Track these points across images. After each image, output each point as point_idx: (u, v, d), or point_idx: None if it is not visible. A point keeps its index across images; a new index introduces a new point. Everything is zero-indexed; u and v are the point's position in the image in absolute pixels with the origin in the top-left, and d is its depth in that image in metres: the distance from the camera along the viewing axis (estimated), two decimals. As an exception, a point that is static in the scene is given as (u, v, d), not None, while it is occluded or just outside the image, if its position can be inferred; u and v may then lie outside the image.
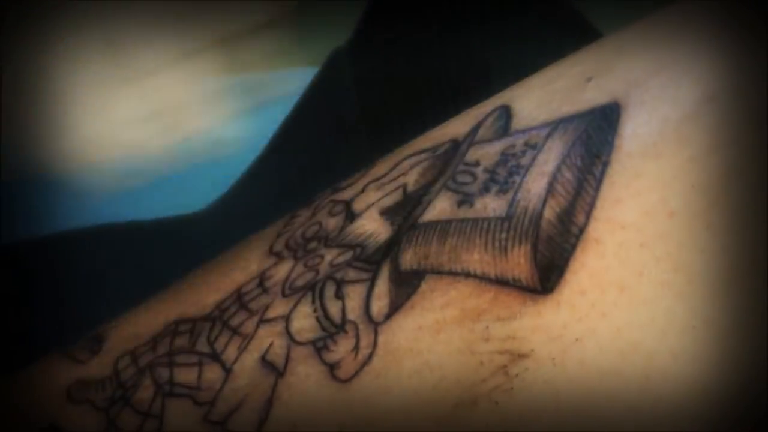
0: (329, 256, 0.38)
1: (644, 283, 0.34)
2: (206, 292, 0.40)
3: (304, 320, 0.37)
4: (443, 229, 0.36)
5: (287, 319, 0.37)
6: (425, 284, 0.36)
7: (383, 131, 0.48)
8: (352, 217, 0.39)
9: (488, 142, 0.38)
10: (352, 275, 0.37)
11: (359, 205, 0.39)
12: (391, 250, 0.37)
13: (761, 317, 0.33)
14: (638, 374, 0.33)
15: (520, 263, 0.35)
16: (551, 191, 0.35)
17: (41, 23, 0.42)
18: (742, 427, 0.33)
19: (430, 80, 0.47)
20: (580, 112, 0.36)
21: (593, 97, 0.36)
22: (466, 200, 0.36)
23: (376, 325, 0.36)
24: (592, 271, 0.34)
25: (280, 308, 0.38)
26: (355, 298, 0.37)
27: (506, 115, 0.38)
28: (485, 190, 0.36)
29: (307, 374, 0.37)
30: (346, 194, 0.40)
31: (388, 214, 0.38)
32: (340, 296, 0.37)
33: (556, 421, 0.34)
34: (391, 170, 0.40)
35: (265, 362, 0.37)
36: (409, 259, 0.37)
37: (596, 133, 0.35)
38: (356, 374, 0.36)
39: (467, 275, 0.36)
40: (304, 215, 0.40)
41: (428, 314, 0.36)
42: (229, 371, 0.37)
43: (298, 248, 0.39)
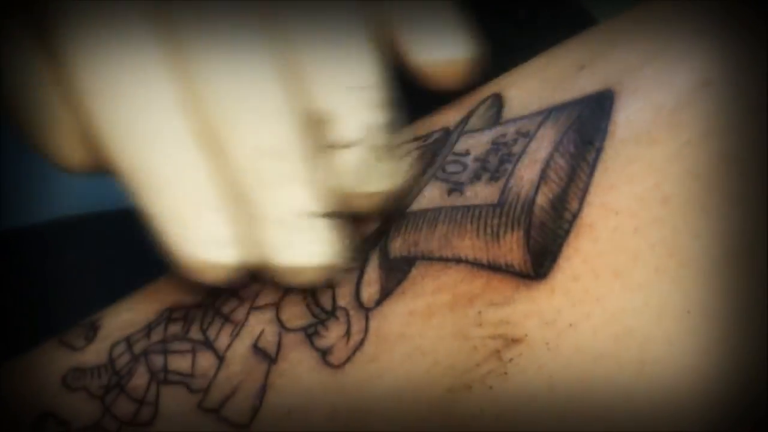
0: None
1: (638, 268, 0.34)
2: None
3: (294, 307, 0.37)
4: (433, 216, 0.37)
5: (277, 306, 0.38)
6: (416, 270, 0.36)
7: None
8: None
9: (479, 131, 0.38)
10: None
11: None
12: (380, 238, 0.37)
13: (756, 302, 0.33)
14: (633, 359, 0.33)
15: (512, 249, 0.35)
16: (544, 177, 0.35)
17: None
18: (737, 412, 0.33)
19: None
20: (572, 99, 0.36)
21: (586, 84, 0.36)
22: (456, 188, 0.37)
23: (367, 310, 0.36)
24: (585, 256, 0.34)
25: (270, 296, 0.38)
26: (345, 285, 0.37)
27: (498, 103, 0.38)
28: (476, 178, 0.36)
29: (299, 360, 0.37)
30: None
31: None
32: (330, 284, 0.37)
33: (550, 405, 0.34)
34: None
35: (257, 349, 0.37)
36: (398, 246, 0.37)
37: (589, 120, 0.35)
38: (348, 360, 0.36)
39: (459, 261, 0.36)
40: None
41: (419, 299, 0.36)
42: (222, 359, 0.37)
43: None
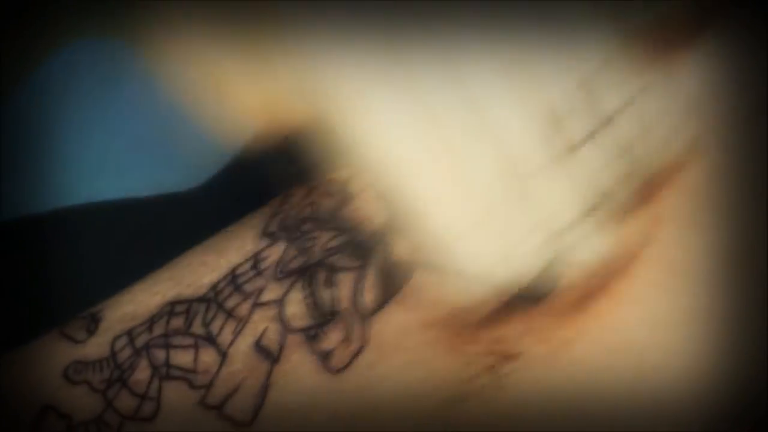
0: (323, 238, 0.38)
1: (632, 283, 0.34)
2: (202, 272, 0.40)
3: (296, 306, 0.37)
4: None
5: (280, 303, 0.38)
6: (415, 279, 0.36)
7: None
8: (347, 198, 0.39)
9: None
10: (343, 262, 0.37)
11: (355, 185, 0.39)
12: (384, 237, 0.37)
13: (747, 308, 0.33)
14: (629, 370, 0.34)
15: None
16: None
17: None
18: (735, 414, 0.33)
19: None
20: None
21: None
22: None
23: (365, 317, 0.37)
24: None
25: (273, 293, 0.38)
26: (345, 287, 0.37)
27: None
28: None
29: (300, 362, 0.37)
30: (342, 174, 0.40)
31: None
32: (330, 284, 0.37)
33: (547, 416, 0.34)
34: None
35: (259, 347, 0.37)
36: (401, 249, 0.37)
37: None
38: (348, 365, 0.36)
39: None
40: (299, 195, 0.40)
41: (418, 310, 0.36)
42: (224, 355, 0.38)
43: (292, 229, 0.39)
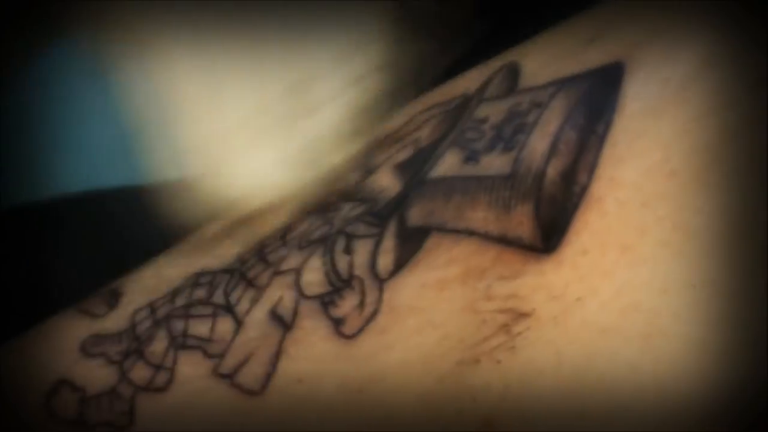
0: (344, 209, 0.39)
1: (645, 242, 0.33)
2: (229, 244, 0.40)
3: (314, 274, 0.38)
4: (449, 185, 0.36)
5: (299, 272, 0.38)
6: (430, 241, 0.36)
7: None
8: (369, 171, 0.39)
9: (497, 98, 0.38)
10: (361, 230, 0.37)
11: (376, 159, 0.39)
12: (399, 205, 0.37)
13: (759, 277, 0.32)
14: (639, 333, 0.33)
15: (522, 222, 0.35)
16: (554, 150, 0.35)
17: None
18: (743, 385, 0.33)
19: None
20: (582, 72, 0.36)
21: (596, 57, 0.36)
22: (472, 157, 0.36)
23: (381, 281, 0.36)
24: (593, 230, 0.34)
25: (293, 261, 0.38)
26: (362, 253, 0.37)
27: (514, 72, 0.38)
28: (491, 147, 0.36)
29: (313, 329, 0.37)
30: (366, 148, 0.40)
31: (400, 169, 0.38)
32: (348, 251, 0.37)
33: (557, 379, 0.34)
34: (405, 124, 0.40)
35: (274, 315, 0.37)
36: (415, 215, 0.37)
37: (599, 93, 0.35)
38: (361, 330, 0.36)
39: (470, 233, 0.36)
40: (336, 171, 0.41)
41: (432, 272, 0.36)
42: (240, 323, 0.38)
43: (324, 204, 0.39)
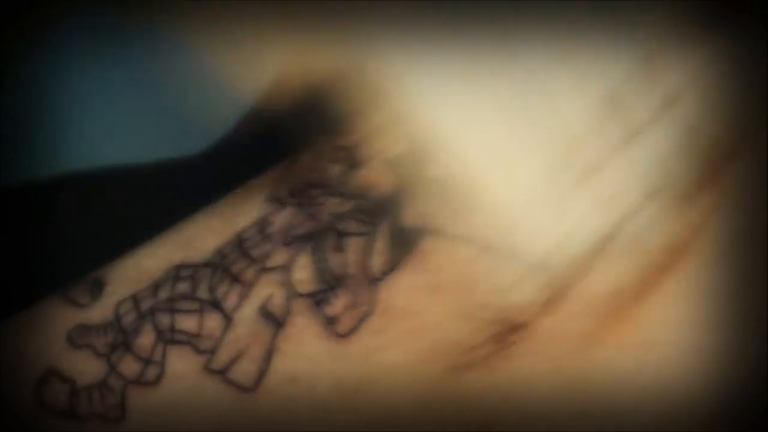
0: (330, 204, 0.38)
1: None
2: (208, 236, 0.39)
3: (304, 271, 0.37)
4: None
5: (288, 268, 0.37)
6: (425, 244, 0.36)
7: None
8: (355, 164, 0.39)
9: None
10: (353, 227, 0.37)
11: (363, 151, 0.39)
12: (394, 203, 0.37)
13: (755, 284, 0.33)
14: (635, 343, 0.34)
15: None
16: None
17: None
18: (741, 388, 0.33)
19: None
20: None
21: None
22: None
23: (374, 281, 0.36)
24: None
25: (280, 257, 0.38)
26: (354, 251, 0.37)
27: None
28: None
29: (306, 327, 0.37)
30: (349, 139, 0.40)
31: (392, 163, 0.38)
32: (340, 249, 0.37)
33: (552, 387, 0.34)
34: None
35: (265, 312, 0.37)
36: (411, 215, 0.36)
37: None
38: (354, 330, 0.36)
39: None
40: (305, 160, 0.40)
41: (426, 275, 0.36)
42: (229, 320, 0.37)
43: (299, 195, 0.39)
